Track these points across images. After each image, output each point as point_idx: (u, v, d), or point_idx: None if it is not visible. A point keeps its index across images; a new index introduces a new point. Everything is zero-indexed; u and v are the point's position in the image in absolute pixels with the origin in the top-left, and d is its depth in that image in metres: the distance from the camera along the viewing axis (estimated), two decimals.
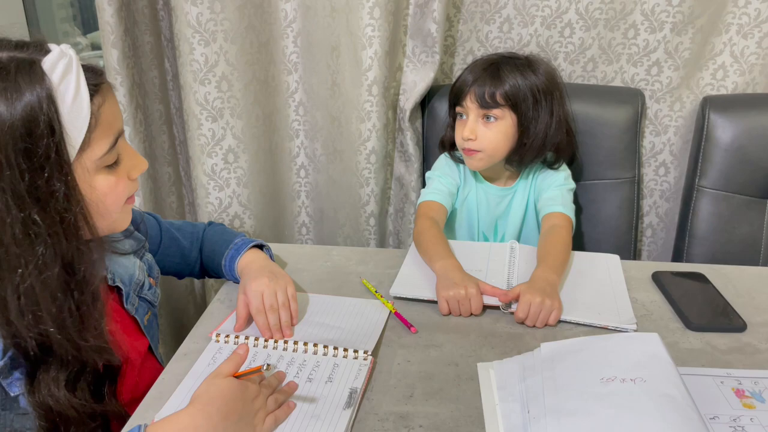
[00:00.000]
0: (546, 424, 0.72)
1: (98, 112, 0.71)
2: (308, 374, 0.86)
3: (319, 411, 0.79)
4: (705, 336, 0.95)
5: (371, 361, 0.89)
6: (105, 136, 0.72)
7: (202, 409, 0.71)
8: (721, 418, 0.77)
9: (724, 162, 1.39)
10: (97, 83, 0.72)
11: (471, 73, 1.23)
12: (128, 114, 1.39)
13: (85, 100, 0.69)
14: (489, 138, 1.22)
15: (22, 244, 0.67)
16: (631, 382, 0.74)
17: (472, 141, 1.22)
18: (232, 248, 1.08)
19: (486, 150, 1.23)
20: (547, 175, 1.31)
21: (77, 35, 2.12)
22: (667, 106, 1.47)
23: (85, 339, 0.74)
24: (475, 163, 1.26)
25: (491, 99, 1.19)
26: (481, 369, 0.88)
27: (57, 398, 0.73)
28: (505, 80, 1.19)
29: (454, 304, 1.01)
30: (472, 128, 1.22)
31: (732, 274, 1.12)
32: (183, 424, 0.70)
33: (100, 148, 0.72)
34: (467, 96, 1.22)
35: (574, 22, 1.42)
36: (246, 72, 1.41)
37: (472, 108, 1.22)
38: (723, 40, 1.41)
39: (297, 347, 0.91)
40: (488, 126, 1.22)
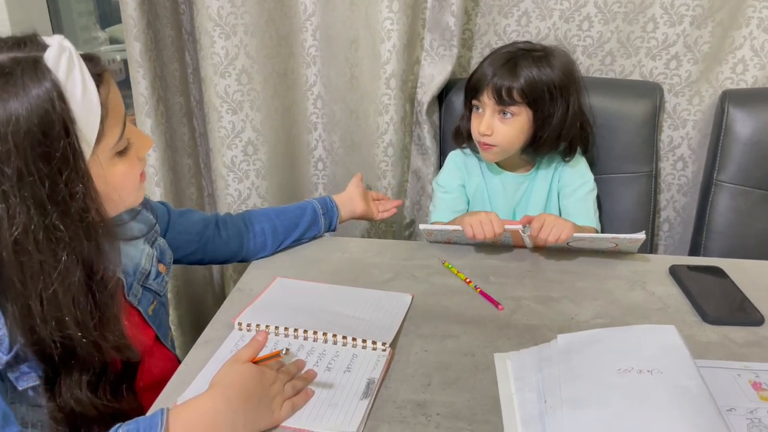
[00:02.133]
0: (562, 414, 0.73)
1: (106, 101, 0.70)
2: (327, 363, 0.88)
3: (337, 400, 0.81)
4: (722, 329, 0.95)
5: (389, 352, 0.90)
6: (116, 124, 0.73)
7: (222, 393, 0.72)
8: (738, 411, 0.78)
9: (742, 156, 1.39)
10: (100, 72, 0.71)
11: (489, 67, 1.23)
12: (150, 106, 1.41)
13: (93, 92, 0.68)
14: (504, 133, 1.23)
15: (45, 251, 0.67)
16: (648, 373, 0.75)
17: (488, 136, 1.23)
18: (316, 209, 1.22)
19: (501, 144, 1.24)
20: (572, 172, 1.32)
21: (96, 29, 2.14)
22: (685, 100, 1.46)
23: (106, 338, 0.74)
24: (490, 156, 1.29)
25: (508, 96, 1.20)
26: (498, 359, 0.89)
27: (80, 400, 0.73)
28: (522, 77, 1.20)
29: (477, 227, 1.12)
30: (489, 123, 1.23)
31: (750, 268, 1.12)
32: (204, 408, 0.71)
33: (112, 136, 0.72)
34: (484, 91, 1.22)
35: (593, 15, 1.42)
36: (266, 65, 1.42)
37: (489, 103, 1.22)
38: (743, 34, 1.40)
39: (317, 337, 0.93)
40: (504, 121, 1.23)
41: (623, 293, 1.05)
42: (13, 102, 0.63)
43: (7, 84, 0.63)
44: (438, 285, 1.08)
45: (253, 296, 1.04)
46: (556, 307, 1.02)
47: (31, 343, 0.70)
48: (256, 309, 0.99)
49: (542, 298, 1.04)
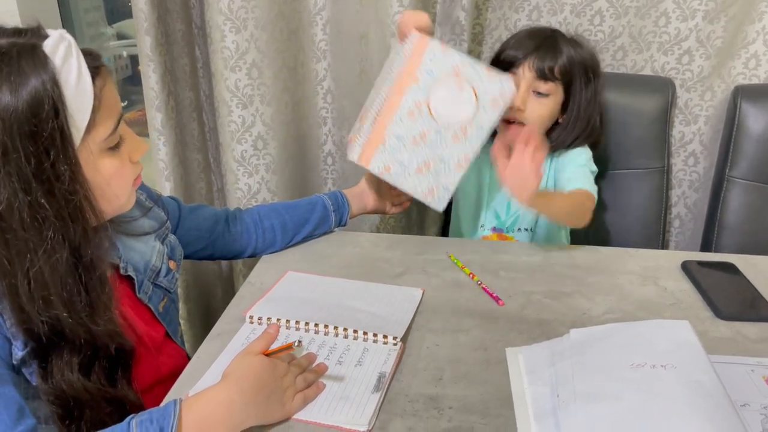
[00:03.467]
0: (575, 408, 0.73)
1: (100, 93, 0.72)
2: (338, 357, 0.88)
3: (348, 393, 0.81)
4: (735, 325, 0.95)
5: (401, 346, 0.90)
6: (108, 118, 0.74)
7: (236, 384, 0.73)
8: (752, 406, 0.77)
9: (755, 152, 1.38)
10: (97, 65, 0.73)
11: (528, 40, 1.19)
12: (160, 101, 1.41)
13: (87, 82, 0.70)
14: (538, 113, 1.18)
15: (30, 229, 0.68)
16: (661, 368, 0.75)
17: (520, 112, 1.16)
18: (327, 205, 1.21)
19: (529, 125, 1.17)
20: (568, 156, 1.26)
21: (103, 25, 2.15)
22: (697, 95, 1.45)
23: (96, 323, 0.74)
24: (511, 136, 1.19)
25: (550, 72, 1.16)
26: (510, 354, 0.89)
27: (71, 382, 0.73)
28: (564, 54, 1.17)
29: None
30: (524, 98, 1.16)
31: (762, 264, 1.11)
32: (217, 399, 0.72)
33: (104, 129, 0.73)
34: (524, 63, 1.17)
35: (605, 10, 1.41)
36: (276, 59, 1.42)
37: (527, 77, 1.17)
38: (756, 29, 1.39)
39: (328, 330, 0.93)
40: (539, 100, 1.18)
41: (635, 288, 1.05)
42: (5, 81, 0.65)
43: (2, 63, 0.65)
44: (449, 280, 1.08)
45: (263, 290, 1.04)
46: (568, 302, 1.01)
47: (19, 321, 0.72)
48: (268, 302, 1.00)
49: (554, 293, 1.04)
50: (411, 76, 1.03)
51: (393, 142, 1.06)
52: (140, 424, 0.68)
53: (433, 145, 1.06)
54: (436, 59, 1.03)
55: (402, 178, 1.09)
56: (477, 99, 1.03)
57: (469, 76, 1.03)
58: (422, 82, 1.03)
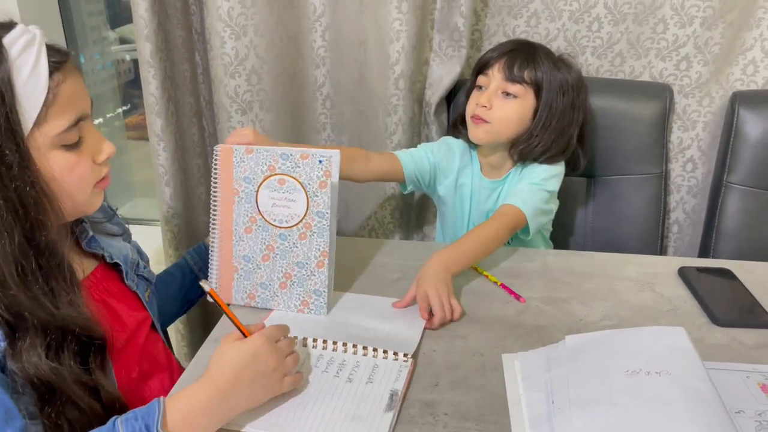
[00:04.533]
0: (570, 414, 0.73)
1: (57, 88, 0.73)
2: (348, 374, 0.86)
3: (360, 412, 0.79)
4: (731, 332, 0.95)
5: (411, 363, 0.88)
6: (63, 114, 0.74)
7: (211, 382, 0.74)
8: (746, 413, 0.77)
9: (753, 158, 1.38)
10: (60, 61, 0.74)
11: (504, 45, 1.21)
12: (160, 106, 1.42)
13: (42, 74, 0.71)
14: (502, 112, 1.18)
15: None
16: (656, 374, 0.75)
17: (485, 109, 1.17)
18: None
19: (494, 123, 1.18)
20: (528, 170, 1.23)
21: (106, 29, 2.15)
22: (695, 101, 1.46)
23: (57, 306, 0.75)
24: (479, 134, 1.20)
25: (518, 74, 1.16)
26: (506, 360, 0.89)
27: (37, 365, 0.73)
28: (538, 62, 1.17)
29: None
30: (489, 97, 1.18)
31: (759, 270, 1.11)
32: (196, 397, 0.73)
33: (57, 125, 0.74)
34: (495, 64, 1.19)
35: (603, 16, 1.42)
36: (275, 65, 1.43)
37: (496, 78, 1.18)
38: (753, 35, 1.40)
39: (337, 347, 0.91)
40: (506, 101, 1.18)
41: (632, 295, 1.05)
42: None
43: None
44: None
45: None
46: (565, 308, 1.02)
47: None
48: (274, 321, 0.98)
49: (551, 299, 1.04)
50: (230, 190, 0.98)
51: (244, 265, 1.01)
52: (125, 422, 0.69)
53: (283, 253, 0.99)
54: (246, 164, 0.96)
55: (270, 300, 1.01)
56: (304, 188, 0.95)
57: (285, 168, 0.95)
58: (243, 192, 0.97)
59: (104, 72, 2.18)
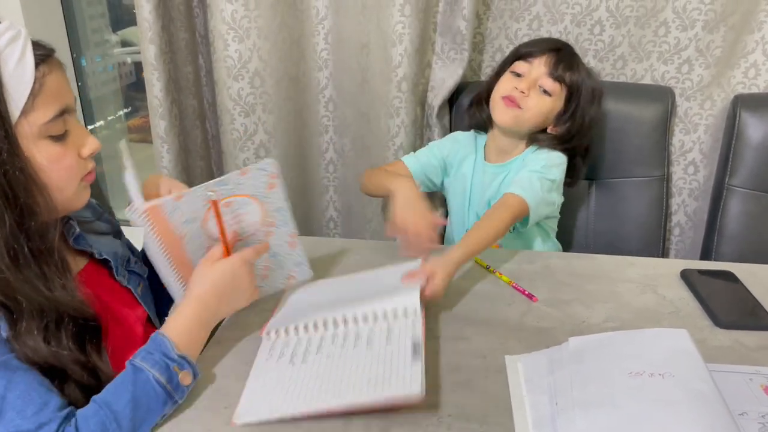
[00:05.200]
0: (574, 416, 0.73)
1: (43, 79, 0.75)
2: (366, 343, 0.89)
3: (390, 371, 0.81)
4: (734, 334, 0.95)
5: (423, 313, 0.91)
6: (49, 104, 0.76)
7: (199, 299, 0.85)
8: (749, 415, 0.78)
9: (754, 161, 1.39)
10: (44, 54, 0.77)
11: (550, 43, 1.25)
12: (164, 108, 1.42)
13: (29, 65, 0.74)
14: (537, 104, 1.22)
15: None
16: (659, 376, 0.75)
17: (523, 94, 1.21)
18: None
19: (526, 112, 1.22)
20: (531, 158, 1.25)
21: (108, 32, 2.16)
22: (697, 104, 1.46)
23: (50, 289, 0.77)
24: (507, 117, 1.23)
25: (561, 73, 1.21)
26: (509, 362, 0.89)
27: (35, 349, 0.74)
28: (578, 68, 1.24)
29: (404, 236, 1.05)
30: (530, 85, 1.21)
31: (761, 272, 1.11)
32: (189, 316, 0.84)
33: (44, 114, 0.76)
34: (540, 56, 1.22)
35: (605, 19, 1.42)
36: (278, 68, 1.43)
37: (540, 70, 1.22)
38: (755, 38, 1.40)
39: (347, 322, 0.94)
40: (541, 96, 1.22)
41: (634, 297, 1.05)
42: None
43: None
44: (449, 287, 1.08)
45: (264, 298, 1.05)
46: (567, 310, 1.02)
47: None
48: (279, 318, 0.99)
49: (553, 301, 1.04)
50: (175, 240, 0.90)
51: None
52: (144, 359, 0.76)
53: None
54: (180, 210, 0.89)
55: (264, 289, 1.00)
56: (254, 198, 0.92)
57: (227, 191, 0.90)
58: (188, 233, 0.91)
59: (106, 75, 2.19)
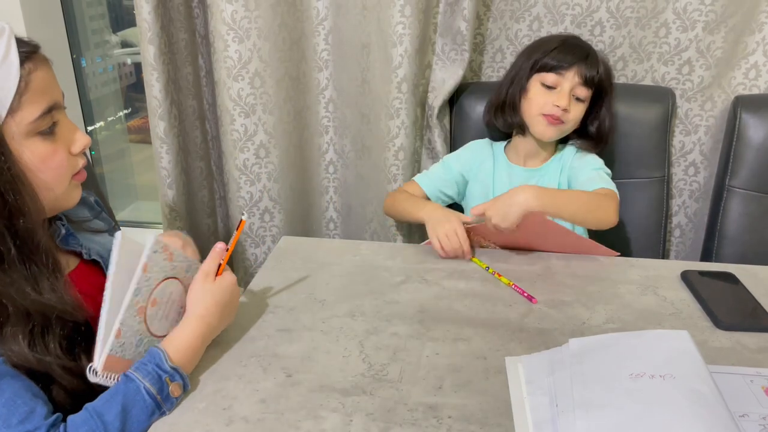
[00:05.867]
0: (574, 418, 0.73)
1: (29, 76, 0.75)
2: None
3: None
4: (734, 335, 0.95)
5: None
6: (36, 101, 0.75)
7: (202, 319, 0.85)
8: (750, 416, 0.77)
9: (755, 162, 1.38)
10: (30, 51, 0.76)
11: (575, 49, 1.27)
12: (163, 109, 1.42)
13: (14, 63, 0.73)
14: (575, 114, 1.27)
15: None
16: (660, 378, 0.75)
17: (566, 112, 1.25)
18: None
19: (567, 125, 1.28)
20: (583, 160, 1.33)
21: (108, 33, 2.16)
22: (698, 105, 1.46)
23: (39, 292, 0.75)
24: (551, 133, 1.28)
25: (592, 79, 1.25)
26: (509, 363, 0.89)
27: (19, 354, 0.73)
28: (601, 65, 1.27)
29: (445, 241, 1.14)
30: (569, 100, 1.25)
31: (762, 274, 1.11)
32: (193, 336, 0.84)
33: (30, 112, 0.75)
34: (571, 70, 1.25)
35: (605, 20, 1.42)
36: (278, 69, 1.43)
37: (572, 81, 1.25)
38: (756, 39, 1.40)
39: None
40: (577, 105, 1.27)
41: (635, 298, 1.05)
42: None
43: None
44: (449, 288, 1.09)
45: (264, 299, 1.05)
46: (568, 311, 1.01)
47: None
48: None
49: (554, 302, 1.04)
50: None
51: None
52: (137, 369, 0.76)
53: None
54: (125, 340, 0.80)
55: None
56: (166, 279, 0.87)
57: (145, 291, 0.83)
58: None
59: (106, 75, 2.19)
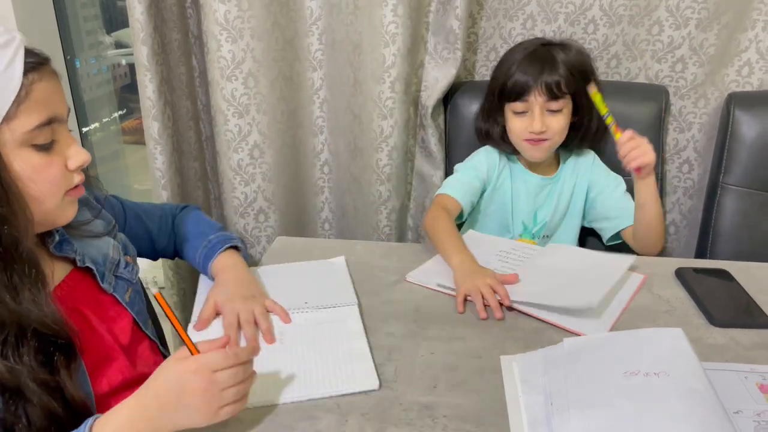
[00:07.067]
0: (569, 417, 0.73)
1: (30, 86, 0.74)
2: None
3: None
4: (729, 332, 0.95)
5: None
6: (35, 112, 0.74)
7: (140, 399, 0.72)
8: (745, 413, 0.78)
9: (748, 159, 1.39)
10: (37, 63, 0.75)
11: (529, 68, 1.24)
12: (157, 110, 1.42)
13: (17, 71, 0.72)
14: (557, 126, 1.26)
15: None
16: (654, 376, 0.75)
17: (543, 132, 1.25)
18: (206, 246, 1.08)
19: (554, 138, 1.27)
20: (605, 180, 1.35)
21: (101, 34, 2.16)
22: (691, 102, 1.46)
23: (19, 303, 0.73)
24: (540, 153, 1.29)
25: (558, 90, 1.23)
26: (504, 362, 0.89)
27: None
28: (562, 67, 1.23)
29: (476, 295, 1.01)
30: (542, 122, 1.24)
31: (756, 270, 1.12)
32: (121, 419, 0.71)
33: (28, 122, 0.74)
34: (533, 91, 1.23)
35: (598, 18, 1.42)
36: (272, 68, 1.43)
37: (539, 101, 1.24)
38: (749, 37, 1.40)
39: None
40: (554, 116, 1.25)
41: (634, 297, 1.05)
42: None
43: None
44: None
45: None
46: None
47: None
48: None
49: None
50: None
51: None
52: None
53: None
54: None
55: None
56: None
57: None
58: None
59: (100, 76, 2.18)
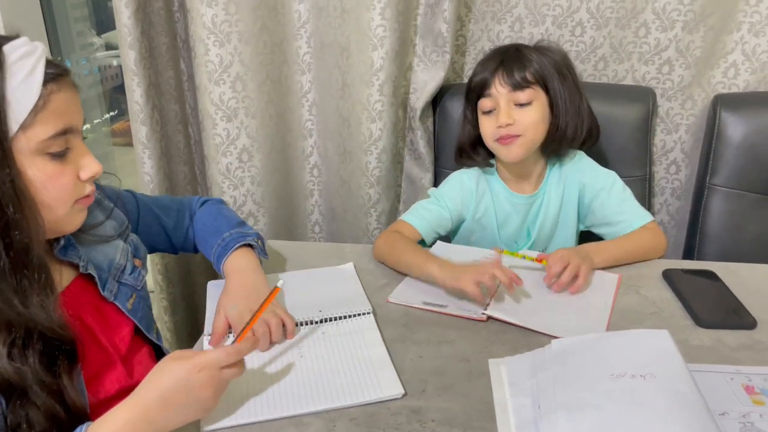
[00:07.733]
0: (556, 419, 0.73)
1: (48, 96, 0.75)
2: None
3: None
4: (715, 333, 0.96)
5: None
6: (51, 122, 0.76)
7: (139, 401, 0.72)
8: (730, 414, 0.78)
9: (735, 160, 1.40)
10: (57, 74, 0.76)
11: (491, 62, 1.19)
12: (145, 114, 1.41)
13: (36, 81, 0.74)
14: (527, 120, 1.17)
15: None
16: (641, 378, 0.75)
17: (510, 126, 1.16)
18: (220, 245, 1.05)
19: (526, 133, 1.17)
20: (597, 181, 1.26)
21: (91, 35, 2.15)
22: (678, 104, 1.47)
23: (27, 305, 0.74)
24: (515, 150, 1.18)
25: (522, 79, 1.15)
26: (492, 365, 0.89)
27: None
28: (529, 59, 1.17)
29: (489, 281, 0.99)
30: (508, 113, 1.16)
31: (742, 271, 1.12)
32: (121, 420, 0.70)
33: (44, 131, 0.75)
34: (494, 82, 1.17)
35: (585, 21, 1.43)
36: (260, 72, 1.43)
37: (503, 93, 1.17)
38: (734, 39, 1.41)
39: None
40: (523, 110, 1.17)
41: (617, 297, 1.06)
42: None
43: None
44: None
45: None
46: None
47: None
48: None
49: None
50: None
51: None
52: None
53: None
54: None
55: None
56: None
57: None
58: None
59: (90, 78, 2.18)
